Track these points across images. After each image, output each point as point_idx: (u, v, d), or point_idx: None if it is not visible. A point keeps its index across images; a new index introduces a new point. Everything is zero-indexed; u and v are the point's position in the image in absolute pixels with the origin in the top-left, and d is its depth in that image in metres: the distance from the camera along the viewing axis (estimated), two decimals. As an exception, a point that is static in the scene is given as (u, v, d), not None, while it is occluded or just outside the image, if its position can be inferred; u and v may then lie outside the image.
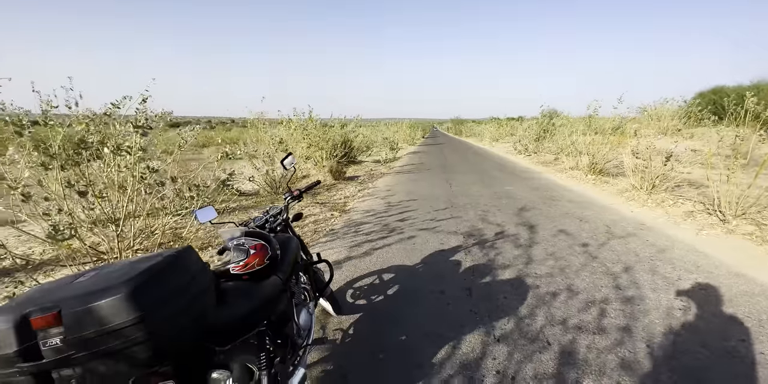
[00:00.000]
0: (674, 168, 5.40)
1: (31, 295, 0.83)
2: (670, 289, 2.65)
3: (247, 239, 1.38)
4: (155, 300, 0.82)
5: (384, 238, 3.90)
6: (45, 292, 0.83)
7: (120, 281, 0.80)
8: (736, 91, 16.92)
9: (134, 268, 0.86)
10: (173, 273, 0.91)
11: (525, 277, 2.86)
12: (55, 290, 0.83)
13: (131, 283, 0.79)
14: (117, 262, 0.97)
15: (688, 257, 3.26)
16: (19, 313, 0.75)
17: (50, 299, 0.78)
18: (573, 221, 4.48)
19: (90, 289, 0.79)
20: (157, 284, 0.85)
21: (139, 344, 0.78)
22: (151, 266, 0.87)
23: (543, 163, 10.79)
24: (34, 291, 0.86)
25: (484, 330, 2.15)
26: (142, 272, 0.84)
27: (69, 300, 0.77)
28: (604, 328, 2.16)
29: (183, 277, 0.93)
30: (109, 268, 0.91)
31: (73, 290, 0.81)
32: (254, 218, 1.86)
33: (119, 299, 0.76)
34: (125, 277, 0.82)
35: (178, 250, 0.98)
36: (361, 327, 2.20)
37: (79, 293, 0.79)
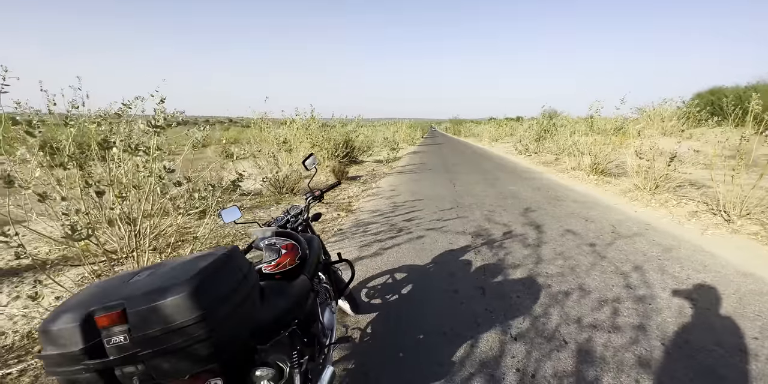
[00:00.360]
0: (677, 169, 5.46)
1: (93, 293, 0.84)
2: (680, 288, 2.68)
3: (279, 239, 1.40)
4: (214, 299, 0.83)
5: (393, 238, 3.92)
6: (106, 290, 0.84)
7: (181, 280, 0.81)
8: (733, 92, 17.07)
9: (191, 267, 0.88)
10: (227, 272, 0.93)
11: (536, 277, 2.89)
12: (116, 288, 0.84)
13: (193, 282, 0.81)
14: (169, 261, 0.98)
15: (695, 257, 3.30)
16: (84, 311, 0.76)
17: (113, 297, 0.79)
18: (579, 221, 4.52)
19: (151, 288, 0.81)
20: (215, 283, 0.86)
21: (200, 342, 0.79)
22: (207, 265, 0.88)
23: (544, 164, 10.84)
24: (95, 289, 0.87)
25: (501, 329, 2.18)
26: (200, 271, 0.85)
27: (132, 298, 0.78)
28: (619, 326, 2.19)
29: (235, 276, 0.94)
30: (163, 267, 0.92)
31: (134, 289, 0.82)
32: (276, 218, 1.88)
33: (182, 298, 0.77)
34: (185, 276, 0.83)
35: (228, 250, 1.00)
36: (379, 326, 2.23)
37: (142, 292, 0.80)
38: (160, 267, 0.93)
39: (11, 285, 3.35)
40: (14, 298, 3.15)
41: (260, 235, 1.44)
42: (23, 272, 3.61)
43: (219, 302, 0.84)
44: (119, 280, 0.89)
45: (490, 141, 23.62)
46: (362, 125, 14.94)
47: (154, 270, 0.91)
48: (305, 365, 1.32)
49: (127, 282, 0.87)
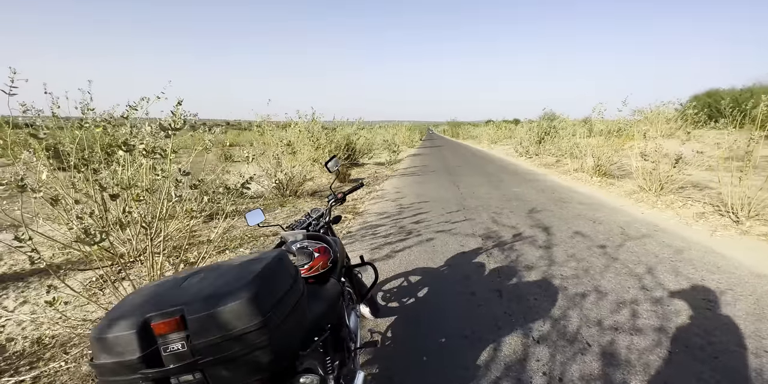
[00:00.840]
0: (682, 170, 5.48)
1: (147, 297, 0.81)
2: (696, 290, 2.67)
3: (311, 242, 1.38)
4: (273, 305, 0.81)
5: (403, 241, 3.90)
6: (160, 295, 0.81)
7: (239, 285, 0.79)
8: (730, 95, 17.23)
9: (245, 271, 0.85)
10: (281, 277, 0.90)
11: (551, 279, 2.88)
12: (170, 293, 0.81)
13: (252, 287, 0.78)
14: (219, 264, 0.94)
15: (707, 258, 3.30)
16: (140, 317, 0.73)
17: (170, 303, 0.76)
18: (586, 223, 4.52)
19: (209, 292, 0.78)
20: (272, 288, 0.84)
21: (260, 349, 0.76)
22: (262, 270, 0.86)
23: (545, 166, 10.87)
24: (148, 293, 0.84)
25: (522, 332, 2.16)
26: (257, 276, 0.83)
27: (191, 304, 0.75)
28: (640, 328, 2.18)
29: (287, 281, 0.92)
30: (214, 271, 0.89)
31: (191, 293, 0.79)
32: (299, 221, 1.86)
33: (243, 303, 0.75)
34: (242, 280, 0.80)
35: (278, 254, 0.97)
36: (399, 329, 2.20)
37: (199, 297, 0.77)
38: (211, 271, 0.90)
39: (17, 290, 3.31)
40: (21, 304, 3.10)
41: (291, 238, 1.42)
42: (28, 277, 3.57)
43: (276, 308, 0.82)
44: (172, 284, 0.86)
45: (489, 143, 23.69)
46: (362, 127, 14.96)
47: (204, 274, 0.88)
48: (337, 370, 1.30)
49: (179, 286, 0.84)
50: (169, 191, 2.24)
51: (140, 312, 0.74)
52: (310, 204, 6.19)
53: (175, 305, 0.75)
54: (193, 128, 2.68)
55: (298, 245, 1.38)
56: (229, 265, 0.92)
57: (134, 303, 0.80)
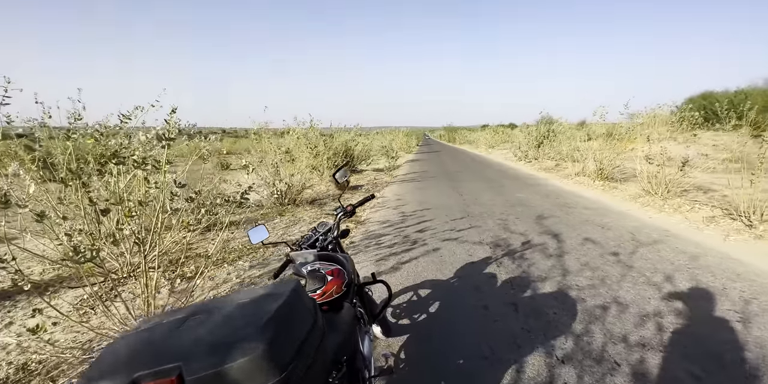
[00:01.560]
0: (687, 173, 5.40)
1: (137, 346, 0.66)
2: (720, 300, 2.55)
3: (323, 264, 1.24)
4: (293, 356, 0.66)
5: (408, 251, 3.76)
6: (153, 343, 0.66)
7: (250, 332, 0.64)
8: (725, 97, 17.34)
9: (257, 311, 0.70)
10: (299, 316, 0.76)
11: (567, 290, 2.74)
12: (165, 340, 0.66)
13: (267, 335, 0.63)
14: (224, 300, 0.79)
15: (724, 265, 3.18)
16: (127, 376, 0.58)
17: (165, 355, 0.61)
18: (595, 229, 4.40)
19: (213, 341, 0.63)
20: (290, 334, 0.70)
21: None
22: (278, 309, 0.71)
23: (545, 170, 10.80)
24: (138, 340, 0.68)
25: (544, 350, 2.02)
26: (272, 318, 0.68)
27: (191, 358, 0.59)
28: (669, 344, 2.04)
29: (308, 320, 0.78)
30: (220, 309, 0.74)
31: (191, 342, 0.64)
32: (304, 236, 1.72)
33: (256, 358, 0.60)
34: (254, 325, 0.65)
35: (294, 286, 0.82)
36: (413, 350, 2.05)
37: (202, 348, 0.61)
38: (216, 308, 0.74)
39: (3, 309, 3.13)
40: (7, 325, 2.92)
41: (301, 259, 1.28)
42: (15, 295, 3.38)
43: (297, 359, 0.67)
44: (168, 327, 0.70)
45: (486, 148, 23.68)
46: (360, 134, 14.86)
47: (208, 312, 0.73)
48: None
49: (177, 329, 0.69)
50: (164, 204, 2.10)
51: (127, 370, 0.59)
52: (309, 213, 6.05)
53: (171, 360, 0.59)
54: (190, 137, 2.55)
55: (309, 268, 1.24)
56: (236, 302, 0.76)
57: (120, 355, 0.64)
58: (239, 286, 3.25)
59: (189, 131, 2.28)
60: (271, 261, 3.80)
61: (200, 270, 3.64)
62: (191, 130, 2.30)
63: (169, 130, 1.91)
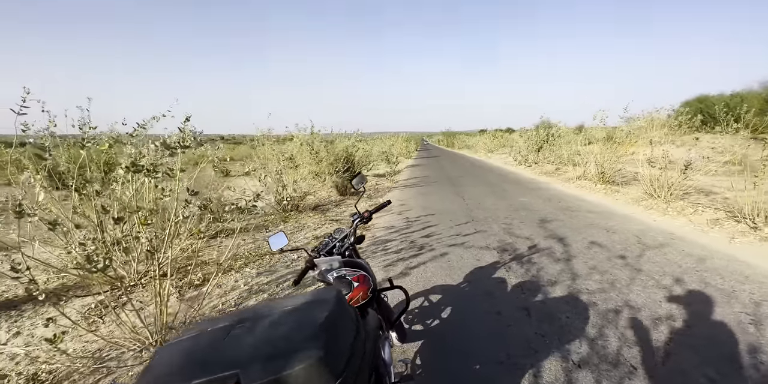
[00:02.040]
0: (689, 176, 5.44)
1: (190, 354, 0.66)
2: (731, 302, 2.56)
3: (348, 270, 1.25)
4: (345, 363, 0.67)
5: (416, 256, 3.76)
6: (205, 352, 0.66)
7: (304, 340, 0.64)
8: (720, 100, 17.51)
9: (307, 320, 0.71)
10: (345, 323, 0.76)
11: (578, 294, 2.75)
12: (216, 349, 0.66)
13: (321, 343, 0.64)
14: (268, 307, 0.79)
15: (732, 267, 3.19)
16: (188, 382, 0.58)
17: (219, 363, 0.61)
18: (600, 232, 4.42)
19: (268, 352, 0.63)
20: (341, 341, 0.70)
21: None
22: (328, 317, 0.71)
23: (546, 174, 10.84)
24: (188, 350, 0.68)
25: (560, 355, 2.02)
26: (323, 326, 0.68)
27: (247, 366, 0.60)
28: (683, 346, 2.05)
29: (351, 327, 0.78)
30: (265, 319, 0.74)
31: (244, 350, 0.64)
32: (322, 243, 1.73)
33: (314, 366, 0.60)
34: (306, 332, 0.66)
35: (336, 294, 0.83)
36: (428, 356, 2.05)
37: (257, 357, 0.62)
38: (261, 316, 0.75)
39: (10, 319, 3.11)
40: (14, 335, 2.90)
41: (326, 265, 1.28)
42: (21, 305, 3.37)
43: (349, 366, 0.68)
44: (217, 334, 0.70)
45: (486, 152, 23.78)
46: (360, 139, 14.92)
47: (254, 320, 0.73)
48: None
49: (227, 336, 0.69)
50: (177, 212, 2.10)
51: (183, 377, 0.59)
52: (313, 219, 6.05)
53: (227, 368, 0.60)
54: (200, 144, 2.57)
55: (335, 274, 1.24)
56: (281, 309, 0.76)
57: (174, 362, 0.64)
58: (248, 293, 3.24)
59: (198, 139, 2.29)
60: (278, 268, 3.79)
61: (210, 277, 3.63)
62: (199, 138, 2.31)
63: (184, 138, 1.92)
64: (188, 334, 0.73)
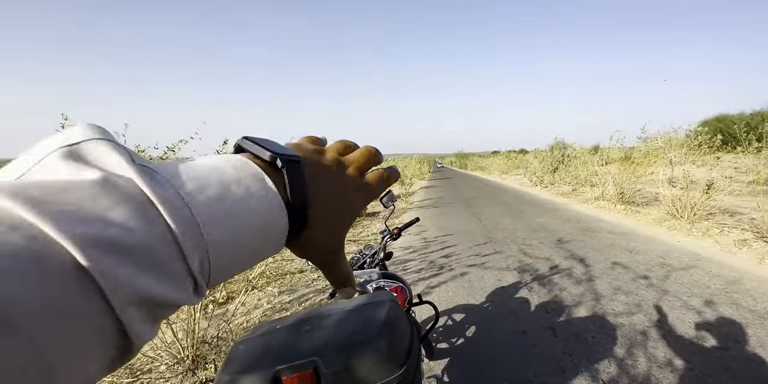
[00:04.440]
0: (712, 196, 5.36)
1: (268, 348, 0.76)
2: (765, 324, 2.49)
3: (387, 281, 1.34)
4: (406, 355, 0.76)
5: (436, 276, 3.78)
6: (285, 343, 0.75)
7: (373, 332, 0.74)
8: (741, 119, 17.27)
9: (369, 318, 0.80)
10: (402, 322, 0.85)
11: (604, 314, 2.72)
12: (293, 343, 0.76)
13: (387, 336, 0.73)
14: (326, 310, 0.88)
15: (764, 288, 3.11)
16: (269, 371, 0.67)
17: (299, 354, 0.71)
18: (623, 253, 4.36)
19: (340, 340, 0.72)
20: (401, 336, 0.79)
21: None
22: (387, 316, 0.81)
23: (562, 195, 10.77)
24: (266, 342, 0.77)
25: (589, 374, 2.00)
26: (385, 322, 0.78)
27: (323, 355, 0.69)
28: (717, 369, 2.00)
29: (407, 326, 0.87)
30: (328, 318, 0.83)
31: (320, 341, 0.73)
32: (353, 258, 1.82)
33: (383, 354, 0.69)
34: (373, 327, 0.75)
35: (391, 297, 0.92)
36: (456, 374, 2.06)
37: (332, 347, 0.71)
38: (325, 315, 0.84)
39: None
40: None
41: (365, 277, 1.37)
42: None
43: (408, 359, 0.76)
44: (288, 331, 0.79)
45: (500, 174, 23.77)
46: (375, 162, 15.16)
47: (319, 319, 0.83)
48: None
49: (298, 331, 0.78)
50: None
51: (267, 364, 0.69)
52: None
53: (306, 356, 0.69)
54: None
55: (374, 285, 1.32)
56: (341, 311, 0.86)
57: (255, 353, 0.74)
58: (271, 312, 3.30)
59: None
60: (298, 288, 3.86)
61: (234, 295, 3.72)
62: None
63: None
64: (259, 331, 0.83)
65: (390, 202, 1.97)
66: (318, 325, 0.79)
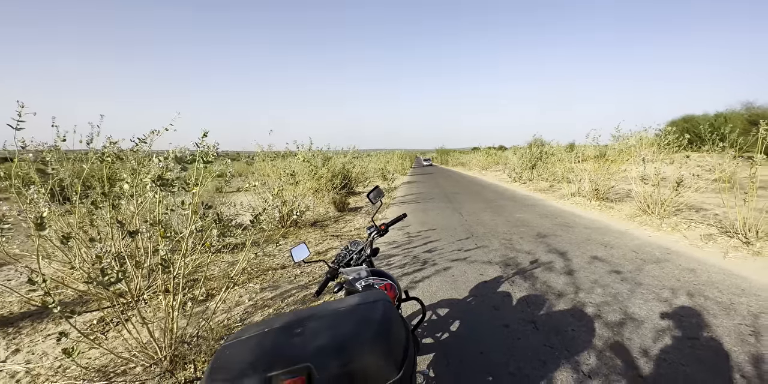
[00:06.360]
0: (681, 193, 5.61)
1: (260, 352, 0.71)
2: (730, 314, 2.63)
3: (376, 279, 1.30)
4: (403, 356, 0.73)
5: (419, 271, 3.80)
6: (278, 347, 0.71)
7: (368, 336, 0.70)
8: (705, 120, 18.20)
9: (364, 319, 0.76)
10: (398, 322, 0.82)
11: (583, 307, 2.80)
12: (285, 345, 0.71)
13: (382, 338, 0.70)
14: (320, 310, 0.83)
15: (728, 281, 3.28)
16: (260, 378, 0.63)
17: (291, 359, 0.67)
18: (598, 247, 4.51)
19: (334, 344, 0.68)
20: (397, 337, 0.76)
21: None
22: (383, 317, 0.77)
23: (540, 191, 11.03)
24: (256, 346, 0.73)
25: (570, 366, 2.06)
26: (380, 324, 0.74)
27: (317, 359, 0.65)
28: (689, 357, 2.10)
29: (402, 327, 0.84)
30: (322, 319, 0.78)
31: (313, 345, 0.69)
32: (339, 255, 1.78)
33: (379, 357, 0.66)
34: (369, 329, 0.72)
35: (384, 296, 0.89)
36: (441, 369, 2.07)
37: (325, 351, 0.67)
38: (316, 317, 0.80)
39: (8, 337, 3.06)
40: (14, 352, 2.84)
41: (353, 274, 1.34)
42: (18, 321, 3.31)
43: (405, 360, 0.73)
44: (278, 334, 0.75)
45: (480, 170, 24.12)
46: (356, 156, 15.13)
47: (309, 320, 0.79)
48: None
49: (289, 334, 0.74)
50: (192, 225, 2.15)
51: (258, 372, 0.64)
52: (313, 234, 6.07)
53: (299, 361, 0.65)
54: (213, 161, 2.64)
55: (363, 283, 1.29)
56: (335, 310, 0.82)
57: (243, 360, 0.69)
58: (252, 309, 3.23)
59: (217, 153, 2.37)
60: (281, 284, 3.79)
61: (214, 292, 3.61)
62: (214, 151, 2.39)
63: (207, 153, 2.00)
64: (246, 334, 0.78)
65: (377, 198, 1.94)
66: (309, 328, 0.75)
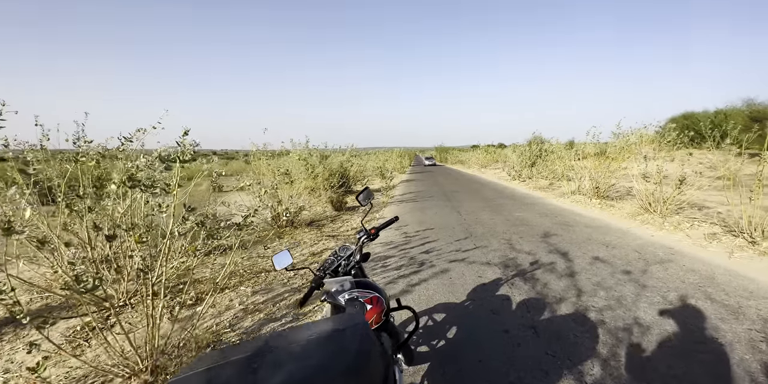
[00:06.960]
0: (683, 191, 5.50)
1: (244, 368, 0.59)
2: (739, 319, 2.52)
3: (361, 291, 1.18)
4: None
5: (416, 273, 3.68)
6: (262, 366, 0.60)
7: (340, 373, 0.59)
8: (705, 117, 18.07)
9: (338, 351, 0.64)
10: (376, 351, 0.70)
11: (585, 311, 2.69)
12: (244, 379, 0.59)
13: (355, 375, 0.59)
14: (293, 334, 0.71)
15: (735, 282, 3.17)
16: None
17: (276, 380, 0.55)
18: (600, 247, 4.39)
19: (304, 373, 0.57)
20: (374, 374, 0.64)
21: None
22: (359, 350, 0.65)
23: (540, 189, 10.92)
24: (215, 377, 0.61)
25: (573, 376, 1.94)
26: (356, 360, 0.63)
27: None
28: (698, 367, 1.98)
29: (382, 359, 0.72)
30: (292, 346, 0.67)
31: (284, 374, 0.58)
32: (327, 261, 1.66)
33: None
34: (341, 367, 0.60)
35: (361, 321, 0.77)
36: (437, 379, 1.95)
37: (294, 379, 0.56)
38: (284, 346, 0.67)
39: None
40: (-7, 361, 2.72)
41: (337, 286, 1.21)
42: (1, 327, 3.19)
43: None
44: (240, 367, 0.62)
45: (479, 168, 23.99)
46: (354, 155, 14.96)
47: (277, 350, 0.66)
48: None
49: (251, 368, 0.61)
50: (172, 229, 2.02)
51: None
52: (309, 235, 5.94)
53: None
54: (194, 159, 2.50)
55: (347, 296, 1.17)
56: (306, 339, 0.69)
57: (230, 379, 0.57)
58: (243, 313, 3.11)
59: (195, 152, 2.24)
60: (274, 287, 3.67)
61: (204, 296, 3.49)
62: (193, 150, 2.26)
63: (184, 152, 1.87)
64: (203, 365, 0.66)
65: (367, 200, 1.81)
66: (277, 361, 0.63)
